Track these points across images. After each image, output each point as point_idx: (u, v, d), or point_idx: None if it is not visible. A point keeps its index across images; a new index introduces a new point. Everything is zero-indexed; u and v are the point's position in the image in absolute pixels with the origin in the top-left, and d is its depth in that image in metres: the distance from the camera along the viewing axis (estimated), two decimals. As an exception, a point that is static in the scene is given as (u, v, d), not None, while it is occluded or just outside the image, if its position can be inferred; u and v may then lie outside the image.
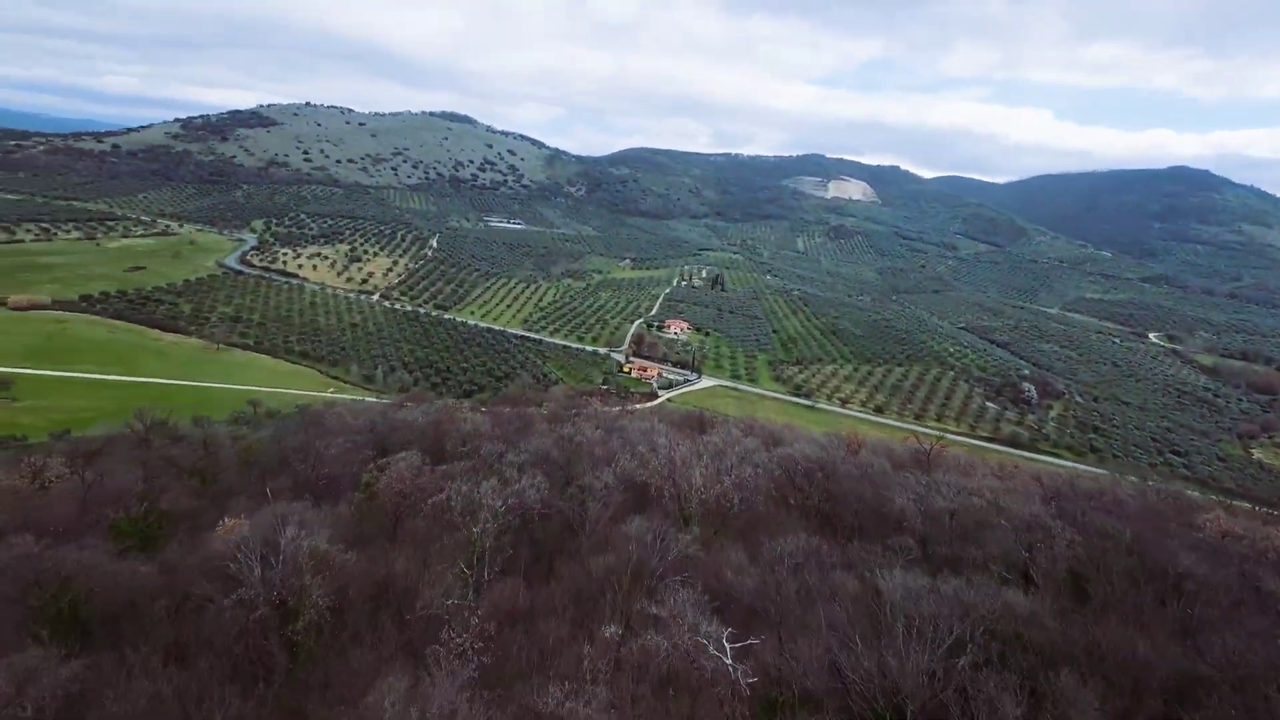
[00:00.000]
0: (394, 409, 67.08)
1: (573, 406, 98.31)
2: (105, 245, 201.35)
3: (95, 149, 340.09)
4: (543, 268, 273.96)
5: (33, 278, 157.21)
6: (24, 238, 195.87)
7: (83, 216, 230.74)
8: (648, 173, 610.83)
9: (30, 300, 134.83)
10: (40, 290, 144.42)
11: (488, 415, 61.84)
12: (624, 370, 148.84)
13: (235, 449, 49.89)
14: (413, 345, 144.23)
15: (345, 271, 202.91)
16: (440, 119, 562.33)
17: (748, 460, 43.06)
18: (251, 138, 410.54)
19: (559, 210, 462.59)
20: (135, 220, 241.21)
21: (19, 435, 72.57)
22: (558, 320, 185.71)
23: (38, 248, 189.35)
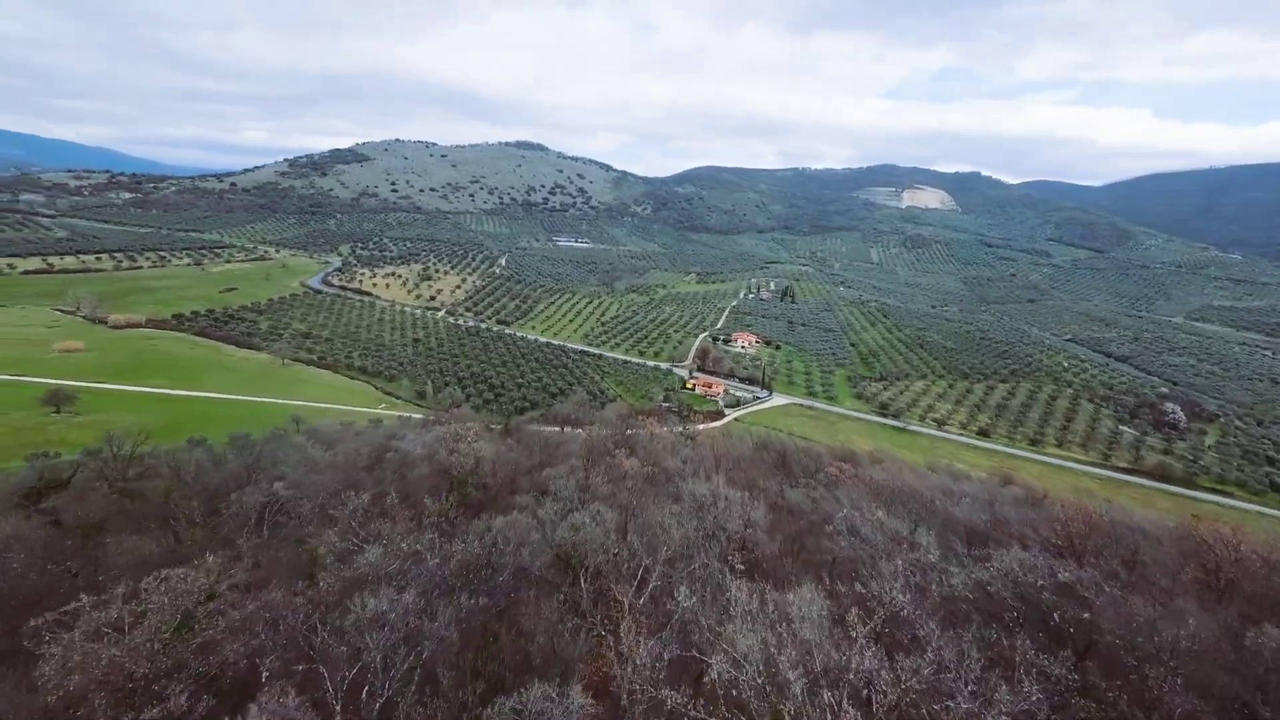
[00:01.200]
0: (399, 432, 56.29)
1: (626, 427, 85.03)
2: (209, 270, 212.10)
3: (216, 188, 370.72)
4: (607, 283, 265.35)
5: (139, 299, 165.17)
6: (143, 264, 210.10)
7: (195, 245, 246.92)
8: (713, 190, 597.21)
9: (128, 319, 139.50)
10: (141, 310, 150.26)
11: (508, 446, 49.28)
12: (687, 386, 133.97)
13: (161, 488, 39.94)
14: (470, 360, 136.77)
15: (416, 289, 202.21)
16: (514, 148, 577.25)
17: (905, 578, 22.47)
18: (347, 172, 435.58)
19: (625, 229, 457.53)
20: (239, 248, 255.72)
21: (51, 451, 67.98)
22: (619, 334, 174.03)
23: (151, 273, 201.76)
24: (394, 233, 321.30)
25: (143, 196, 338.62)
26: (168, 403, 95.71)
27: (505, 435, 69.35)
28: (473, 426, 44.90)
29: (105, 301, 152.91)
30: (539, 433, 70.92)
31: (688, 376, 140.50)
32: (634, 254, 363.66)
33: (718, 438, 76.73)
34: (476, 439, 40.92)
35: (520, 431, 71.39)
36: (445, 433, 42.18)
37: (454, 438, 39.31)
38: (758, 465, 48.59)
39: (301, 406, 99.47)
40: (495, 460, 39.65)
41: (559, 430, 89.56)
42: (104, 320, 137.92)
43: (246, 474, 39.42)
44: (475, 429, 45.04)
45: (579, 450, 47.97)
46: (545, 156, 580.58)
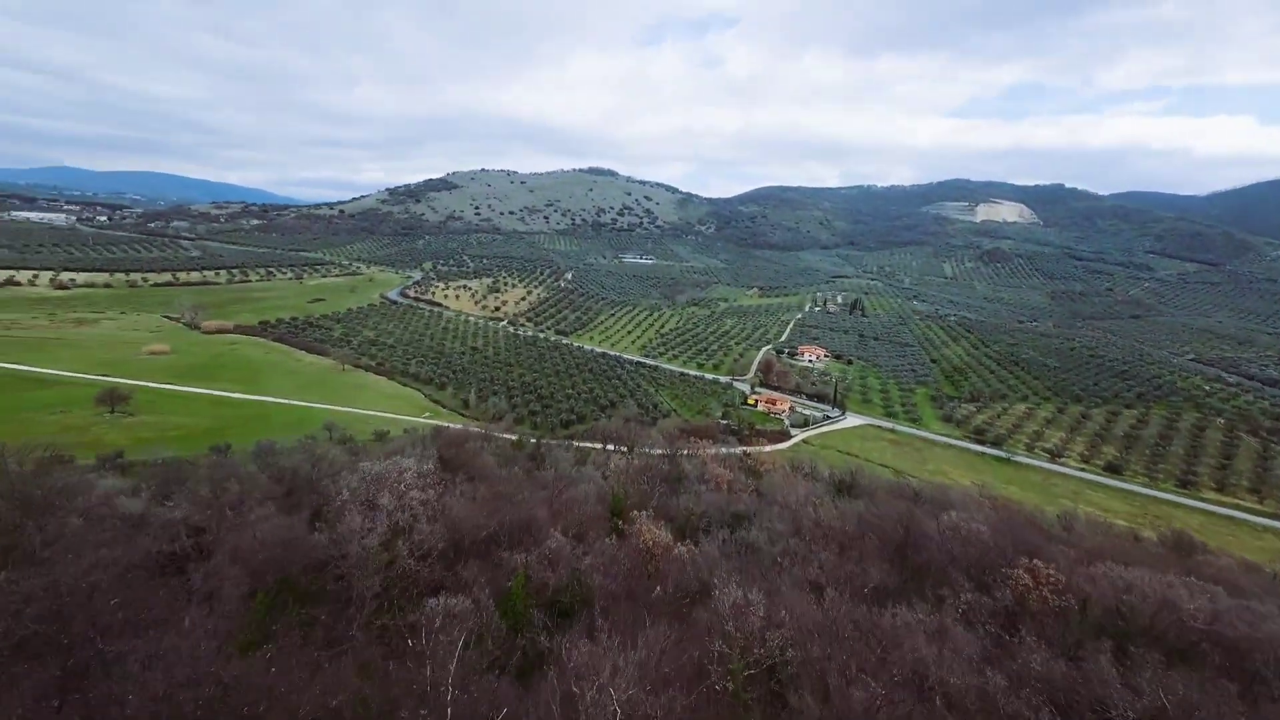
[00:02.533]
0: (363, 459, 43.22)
1: (676, 449, 68.79)
2: (305, 283, 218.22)
3: (327, 214, 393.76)
4: (668, 296, 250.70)
5: (238, 308, 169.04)
6: (252, 278, 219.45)
7: (300, 262, 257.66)
8: (776, 209, 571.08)
9: (219, 325, 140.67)
10: (236, 318, 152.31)
11: (475, 494, 33.78)
12: (749, 402, 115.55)
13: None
14: (523, 370, 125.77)
15: (483, 301, 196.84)
16: (587, 174, 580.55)
17: None
18: (437, 199, 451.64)
19: (689, 247, 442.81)
20: (336, 264, 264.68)
21: (67, 454, 61.20)
22: (677, 346, 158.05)
23: (258, 286, 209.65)
24: (473, 251, 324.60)
25: (267, 222, 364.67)
26: (222, 405, 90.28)
27: (531, 459, 55.08)
28: (419, 469, 30.22)
29: (207, 309, 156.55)
30: (560, 457, 56.06)
31: (749, 392, 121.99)
32: (696, 269, 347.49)
33: (789, 474, 58.41)
34: (428, 486, 26.56)
35: (548, 455, 56.81)
36: (388, 471, 27.76)
37: (397, 481, 25.11)
38: (868, 551, 29.86)
39: (345, 413, 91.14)
40: (429, 530, 24.46)
41: (600, 447, 74.94)
42: (199, 326, 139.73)
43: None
44: (430, 474, 30.49)
45: (584, 507, 32.01)
46: (615, 181, 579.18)
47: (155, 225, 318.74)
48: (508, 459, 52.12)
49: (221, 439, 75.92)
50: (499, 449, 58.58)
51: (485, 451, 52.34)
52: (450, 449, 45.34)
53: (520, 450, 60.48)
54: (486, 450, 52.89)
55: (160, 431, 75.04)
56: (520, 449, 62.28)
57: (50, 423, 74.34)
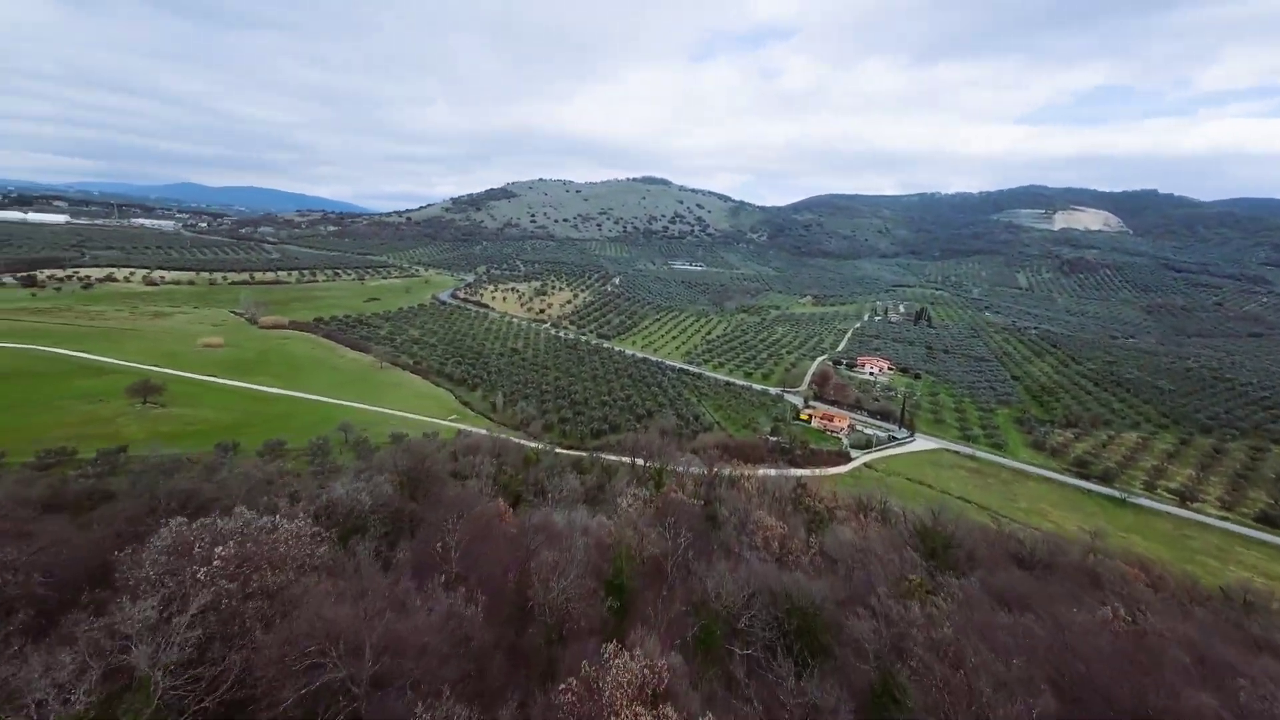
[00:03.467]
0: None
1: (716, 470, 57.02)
2: (366, 284, 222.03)
3: (396, 222, 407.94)
4: (716, 303, 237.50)
5: (299, 305, 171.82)
6: (319, 279, 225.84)
7: (364, 265, 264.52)
8: (832, 216, 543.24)
9: (275, 321, 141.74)
10: (294, 314, 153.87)
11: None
12: (801, 418, 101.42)
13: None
14: (559, 373, 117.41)
15: (529, 303, 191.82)
16: (640, 183, 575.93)
17: None
18: (496, 207, 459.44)
19: (740, 254, 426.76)
20: (397, 267, 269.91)
21: (75, 450, 57.17)
22: (724, 354, 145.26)
23: (322, 286, 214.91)
24: (526, 256, 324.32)
25: (342, 229, 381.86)
26: (254, 400, 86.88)
27: (516, 503, 44.81)
28: (297, 530, 20.14)
29: (269, 306, 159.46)
30: (567, 486, 45.58)
31: (802, 405, 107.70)
32: (747, 277, 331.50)
33: (861, 523, 45.25)
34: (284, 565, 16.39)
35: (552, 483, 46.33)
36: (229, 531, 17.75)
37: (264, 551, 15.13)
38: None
39: (371, 413, 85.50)
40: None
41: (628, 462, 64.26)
42: (257, 321, 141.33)
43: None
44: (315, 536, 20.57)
45: (559, 581, 20.89)
46: (668, 189, 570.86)
47: (245, 230, 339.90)
48: (497, 485, 42.24)
49: (239, 436, 71.29)
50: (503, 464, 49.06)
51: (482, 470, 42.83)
52: (418, 468, 35.95)
53: (529, 466, 50.75)
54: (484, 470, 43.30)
55: (182, 425, 71.35)
56: (533, 464, 52.59)
57: (81, 412, 72.27)
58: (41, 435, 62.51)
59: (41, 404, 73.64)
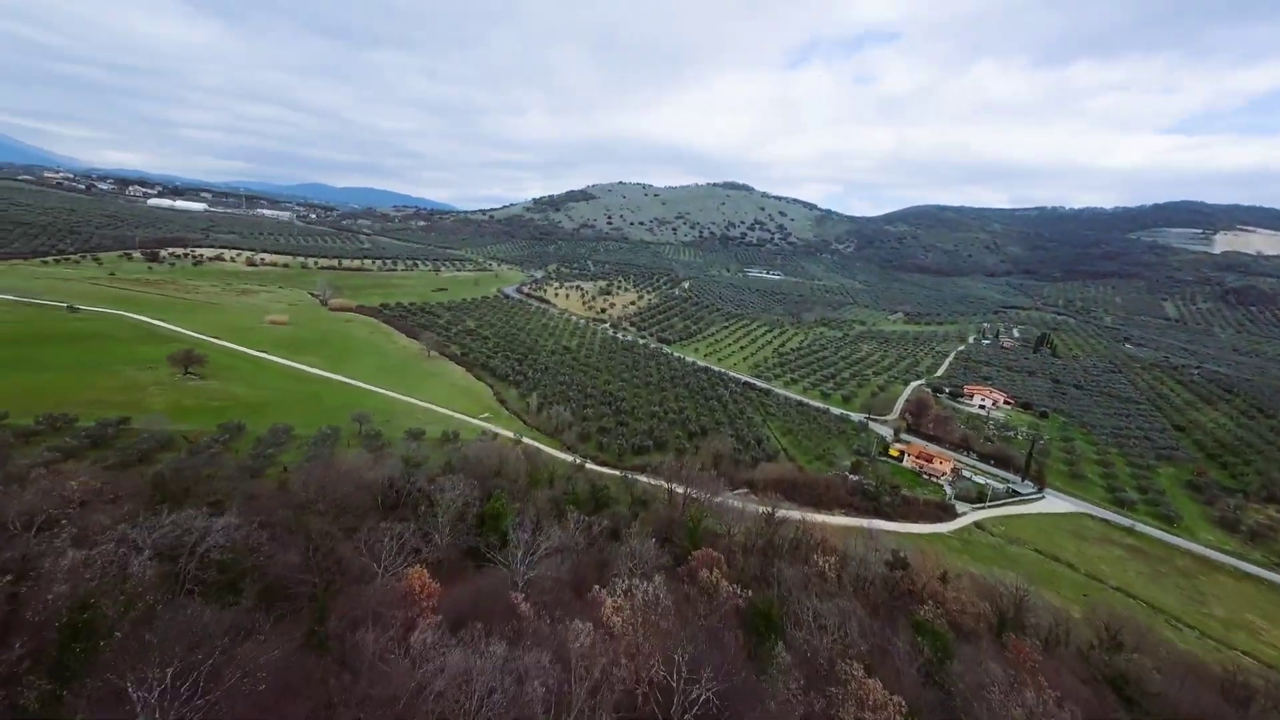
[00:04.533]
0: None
1: (775, 531, 42.80)
2: (440, 275, 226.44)
3: (479, 219, 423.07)
4: (793, 314, 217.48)
5: (373, 291, 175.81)
6: (398, 268, 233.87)
7: (443, 257, 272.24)
8: (930, 229, 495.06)
9: (343, 304, 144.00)
10: (363, 299, 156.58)
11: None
12: (891, 453, 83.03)
13: None
14: (610, 377, 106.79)
15: (592, 302, 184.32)
16: (721, 188, 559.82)
17: None
18: (575, 208, 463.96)
19: (823, 265, 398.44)
20: (472, 261, 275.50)
21: (75, 417, 53.81)
22: (799, 369, 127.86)
23: (399, 275, 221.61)
24: (598, 256, 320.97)
25: (431, 224, 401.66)
26: (291, 379, 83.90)
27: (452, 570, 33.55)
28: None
29: (343, 290, 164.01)
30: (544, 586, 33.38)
31: (892, 438, 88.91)
32: (829, 289, 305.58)
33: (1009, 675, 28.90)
34: None
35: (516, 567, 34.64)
36: None
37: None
38: None
39: (401, 403, 79.31)
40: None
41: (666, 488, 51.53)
42: (327, 303, 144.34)
43: None
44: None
45: None
46: (749, 196, 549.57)
47: (346, 222, 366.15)
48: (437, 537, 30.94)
49: (260, 415, 66.86)
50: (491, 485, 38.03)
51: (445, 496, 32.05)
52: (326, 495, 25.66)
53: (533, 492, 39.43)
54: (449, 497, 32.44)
55: (206, 399, 68.22)
56: (540, 487, 41.34)
57: (126, 378, 71.39)
58: (75, 397, 61.11)
59: (98, 366, 74.10)
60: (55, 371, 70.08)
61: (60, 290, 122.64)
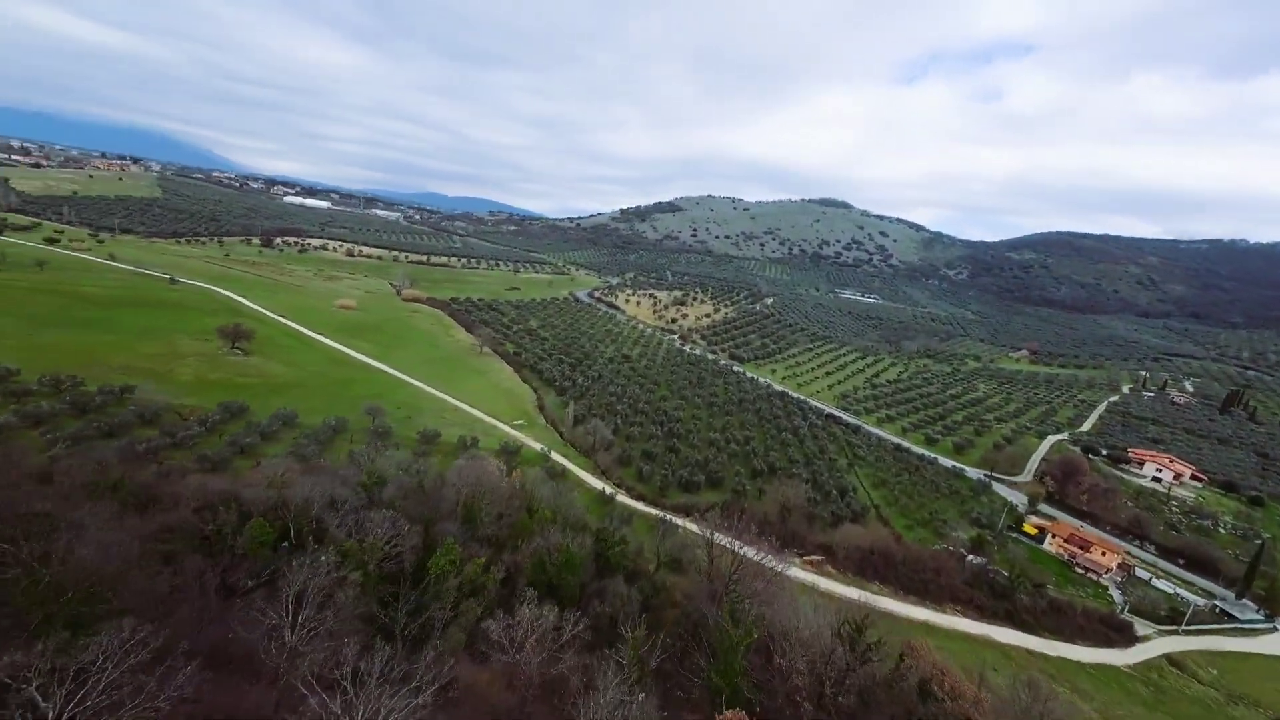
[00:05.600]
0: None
1: (867, 615, 27.50)
2: (517, 276, 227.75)
3: (565, 226, 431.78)
4: (891, 341, 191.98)
5: (448, 286, 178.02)
6: (478, 266, 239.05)
7: (524, 260, 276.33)
8: (1065, 259, 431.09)
9: (414, 295, 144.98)
10: (438, 292, 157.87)
11: None
12: (1027, 529, 62.36)
13: None
14: (668, 392, 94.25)
15: (663, 311, 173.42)
16: (816, 204, 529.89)
17: None
18: (660, 219, 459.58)
19: (928, 292, 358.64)
20: (551, 264, 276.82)
21: (82, 380, 50.86)
22: (897, 405, 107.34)
23: (479, 274, 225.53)
24: (677, 267, 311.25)
25: (520, 229, 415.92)
26: (331, 362, 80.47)
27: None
28: None
29: (420, 282, 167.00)
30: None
31: (1025, 508, 67.67)
32: (935, 317, 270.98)
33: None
34: None
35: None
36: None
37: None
38: None
39: (433, 399, 72.45)
40: None
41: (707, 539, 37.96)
42: (400, 294, 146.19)
43: None
44: None
45: None
46: (847, 213, 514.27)
47: (444, 224, 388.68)
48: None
49: (284, 395, 62.16)
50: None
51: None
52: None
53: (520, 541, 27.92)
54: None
55: (235, 375, 65.07)
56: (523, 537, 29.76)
57: (170, 345, 70.76)
58: (110, 360, 60.05)
59: (157, 334, 74.77)
60: (117, 334, 71.01)
61: (174, 265, 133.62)
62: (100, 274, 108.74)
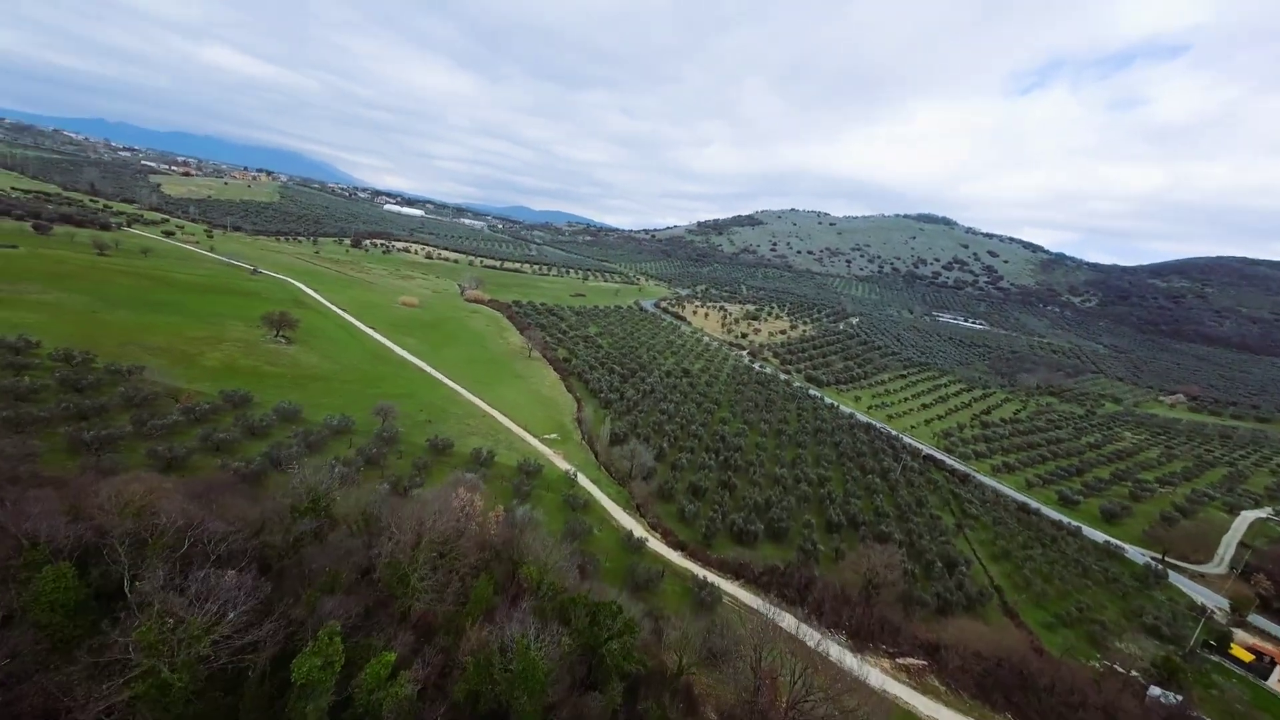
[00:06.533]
0: None
1: None
2: (586, 283, 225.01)
3: (640, 238, 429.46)
4: (1003, 373, 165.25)
5: (514, 289, 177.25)
6: (549, 273, 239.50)
7: (594, 269, 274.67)
8: (1230, 288, 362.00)
9: (477, 296, 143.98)
10: (501, 295, 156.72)
11: None
12: (1235, 652, 43.49)
13: None
14: (729, 414, 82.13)
15: (733, 325, 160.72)
16: (912, 220, 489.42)
17: None
18: (738, 233, 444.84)
19: (1047, 320, 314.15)
20: (620, 274, 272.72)
21: (94, 355, 48.72)
22: (1017, 450, 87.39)
23: (548, 280, 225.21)
24: (753, 281, 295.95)
25: (595, 239, 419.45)
26: (370, 358, 77.15)
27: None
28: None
29: (487, 285, 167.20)
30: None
31: (1228, 618, 48.19)
32: (1057, 349, 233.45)
33: None
34: None
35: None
36: None
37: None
38: None
39: (466, 403, 66.15)
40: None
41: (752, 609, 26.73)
42: (464, 294, 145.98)
43: None
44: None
45: None
46: (949, 230, 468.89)
47: (523, 233, 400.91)
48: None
49: (311, 387, 58.64)
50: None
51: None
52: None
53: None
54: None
55: (264, 363, 62.38)
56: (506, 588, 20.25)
57: (215, 329, 70.31)
58: (145, 340, 59.38)
59: (210, 318, 75.34)
60: (176, 316, 71.96)
61: (264, 258, 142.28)
62: (194, 262, 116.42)
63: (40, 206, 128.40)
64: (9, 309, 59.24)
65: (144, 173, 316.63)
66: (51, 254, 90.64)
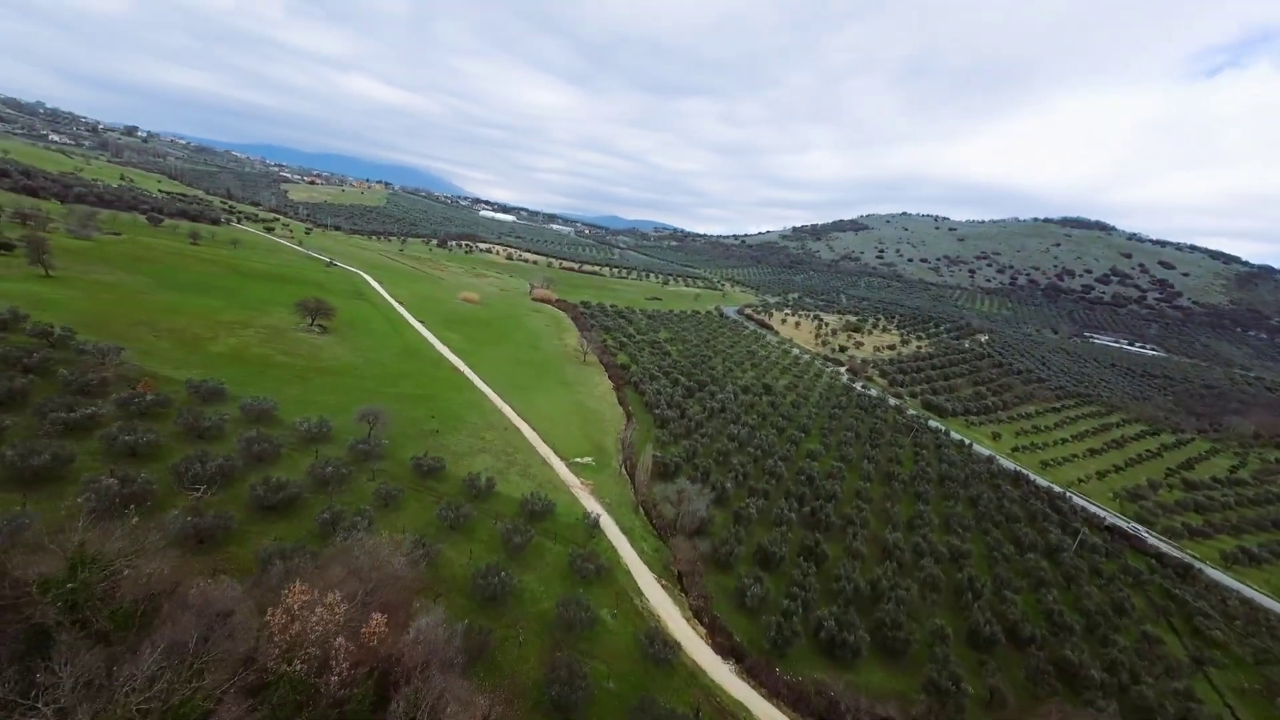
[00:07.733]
0: None
1: None
2: (664, 288, 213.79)
3: (729, 243, 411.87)
4: (1197, 413, 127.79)
5: (585, 291, 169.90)
6: (627, 276, 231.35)
7: (675, 274, 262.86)
8: None
9: (544, 295, 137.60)
10: (571, 296, 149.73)
11: None
12: None
13: None
14: (818, 445, 64.75)
15: (828, 337, 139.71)
16: (1055, 225, 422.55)
17: None
18: (838, 239, 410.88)
19: (1250, 347, 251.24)
20: (704, 279, 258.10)
21: (98, 343, 44.08)
22: (1254, 531, 60.65)
23: (625, 283, 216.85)
24: (855, 291, 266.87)
25: (681, 245, 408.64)
26: (400, 354, 70.20)
27: None
28: None
29: (558, 285, 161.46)
30: None
31: None
32: (1273, 385, 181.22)
33: None
34: None
35: None
36: None
37: None
38: None
39: (488, 412, 56.14)
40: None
41: None
42: (531, 293, 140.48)
43: None
44: None
45: None
46: (1104, 237, 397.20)
47: (608, 238, 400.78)
48: None
49: (318, 381, 51.80)
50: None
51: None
52: None
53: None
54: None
55: (279, 352, 56.69)
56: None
57: (252, 314, 67.12)
58: (166, 322, 56.18)
59: (261, 304, 73.14)
60: (221, 300, 70.28)
61: (348, 253, 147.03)
62: (276, 254, 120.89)
63: (166, 203, 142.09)
64: (55, 285, 59.08)
65: (278, 182, 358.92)
66: (145, 241, 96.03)
